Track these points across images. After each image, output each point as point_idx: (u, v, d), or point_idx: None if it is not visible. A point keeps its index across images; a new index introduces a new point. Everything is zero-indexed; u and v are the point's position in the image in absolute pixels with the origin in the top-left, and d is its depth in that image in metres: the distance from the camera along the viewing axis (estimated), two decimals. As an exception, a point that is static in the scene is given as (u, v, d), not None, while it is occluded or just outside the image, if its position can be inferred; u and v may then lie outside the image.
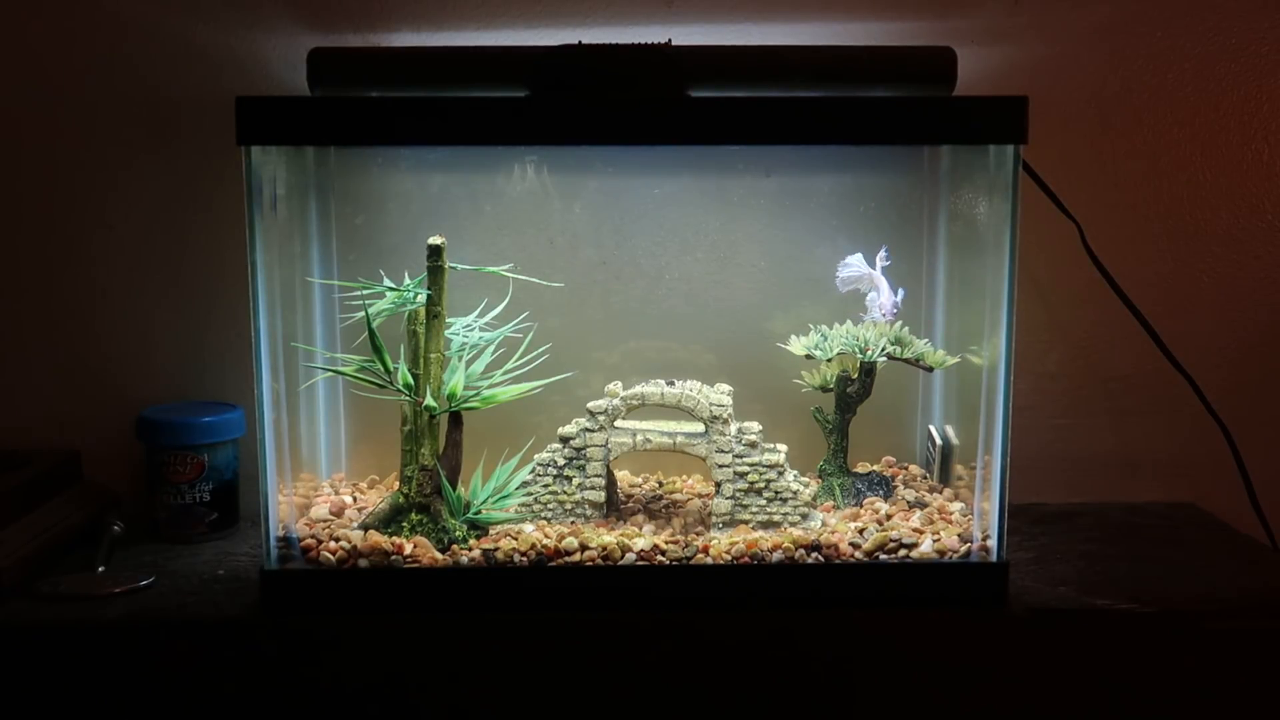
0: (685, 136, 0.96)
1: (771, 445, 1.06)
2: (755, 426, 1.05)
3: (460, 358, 1.05)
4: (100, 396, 1.22)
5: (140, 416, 1.13)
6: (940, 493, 1.13)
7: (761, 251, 1.19)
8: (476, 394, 1.03)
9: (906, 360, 1.10)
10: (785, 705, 0.96)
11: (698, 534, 1.03)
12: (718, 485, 1.05)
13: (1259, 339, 1.26)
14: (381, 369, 1.01)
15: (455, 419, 1.03)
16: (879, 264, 1.11)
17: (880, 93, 1.01)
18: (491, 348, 1.06)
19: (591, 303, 1.19)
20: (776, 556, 0.98)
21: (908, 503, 1.10)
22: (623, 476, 1.20)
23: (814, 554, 0.98)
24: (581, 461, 1.05)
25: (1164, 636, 0.95)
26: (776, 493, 1.05)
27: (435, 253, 1.02)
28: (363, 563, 0.97)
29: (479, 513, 1.03)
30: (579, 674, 0.95)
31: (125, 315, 1.22)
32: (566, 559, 0.98)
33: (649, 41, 0.99)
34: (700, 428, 1.05)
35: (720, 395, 1.07)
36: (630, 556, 0.98)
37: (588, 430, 1.05)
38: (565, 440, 1.05)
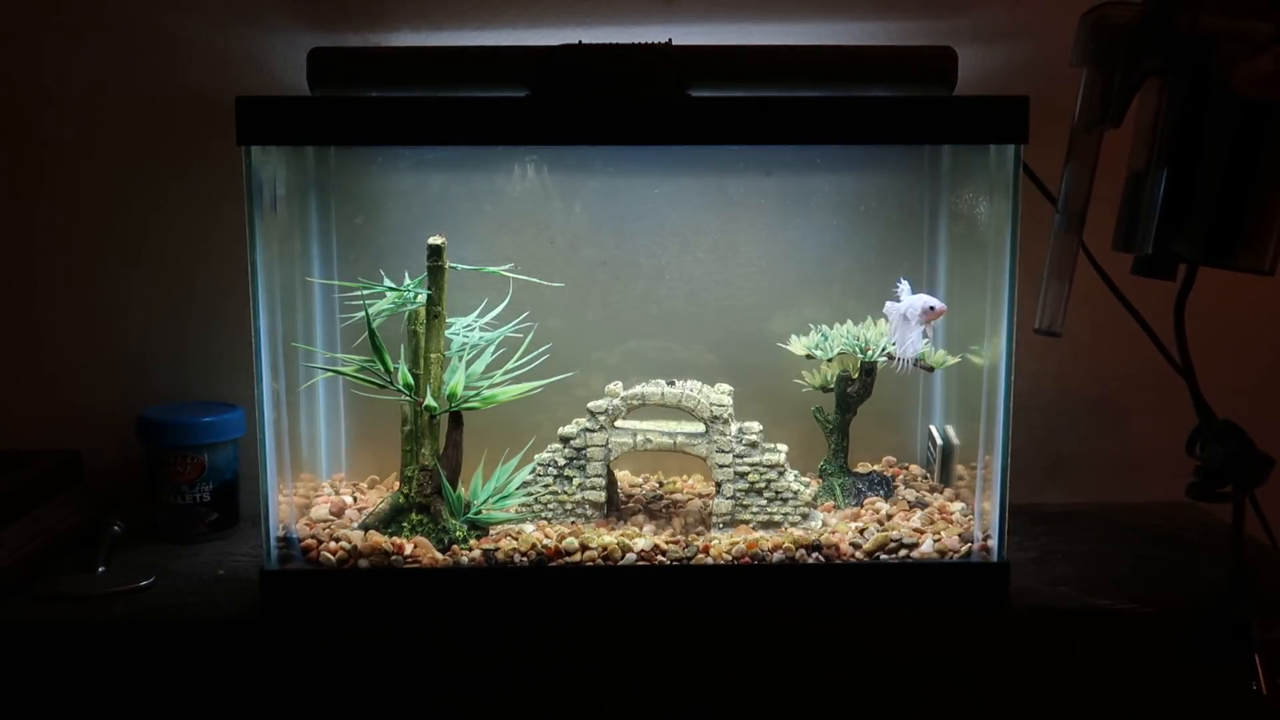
0: (685, 136, 0.96)
1: (772, 445, 1.06)
2: (756, 426, 1.05)
3: (460, 358, 1.05)
4: (100, 396, 1.22)
5: (140, 416, 1.13)
6: (941, 493, 1.13)
7: (762, 251, 1.19)
8: (476, 394, 1.03)
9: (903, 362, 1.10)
10: (786, 705, 0.96)
11: (698, 534, 1.03)
12: (718, 485, 1.05)
13: (1259, 338, 1.26)
14: (382, 369, 1.01)
15: (455, 419, 1.03)
16: (905, 301, 1.09)
17: (880, 93, 1.01)
18: (491, 348, 1.06)
19: (591, 303, 1.19)
20: (777, 556, 0.98)
21: (908, 503, 1.10)
22: (623, 476, 1.20)
23: (814, 554, 0.98)
24: (582, 461, 1.05)
25: (1164, 636, 0.95)
26: (777, 493, 1.05)
27: (435, 253, 1.02)
28: (363, 563, 0.97)
29: (479, 513, 1.03)
30: (579, 674, 0.95)
31: (126, 315, 1.21)
32: (567, 559, 0.98)
33: (649, 41, 0.98)
34: (701, 428, 1.05)
35: (720, 395, 1.07)
36: (630, 557, 0.98)
37: (588, 430, 1.05)
38: (565, 440, 1.05)
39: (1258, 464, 0.88)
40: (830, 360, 1.12)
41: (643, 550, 0.98)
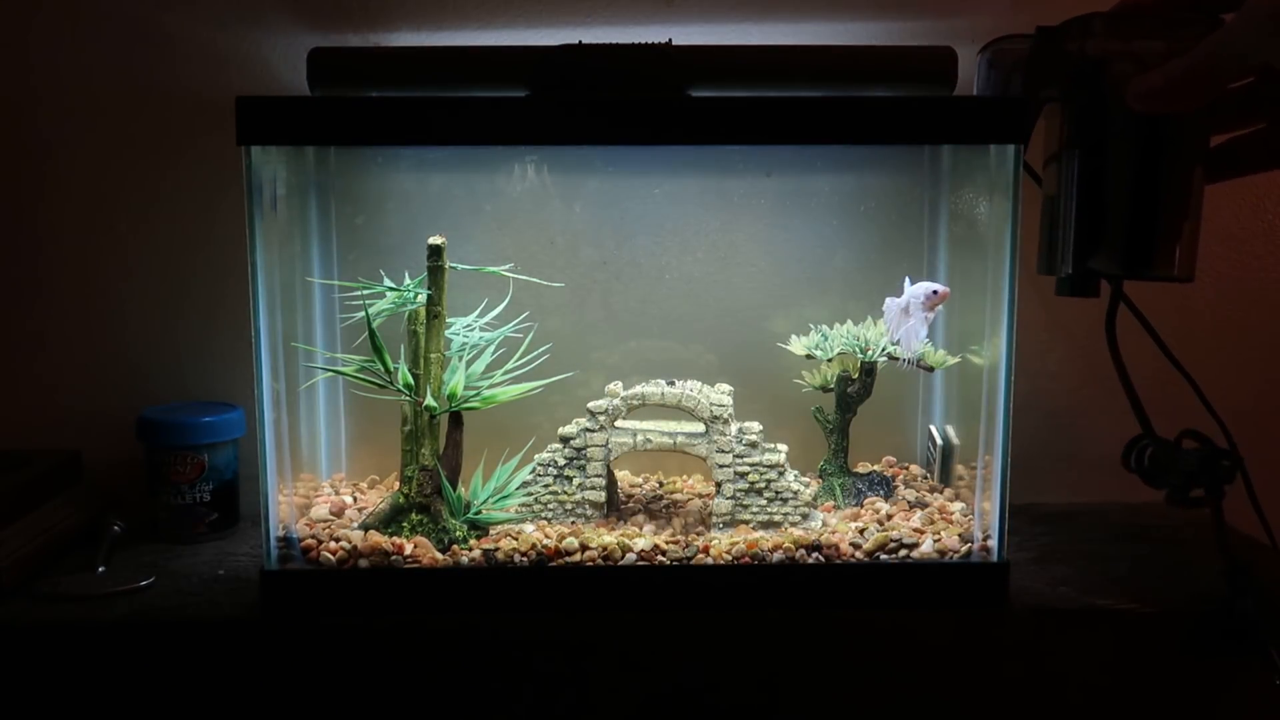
0: (685, 136, 0.96)
1: (772, 445, 1.06)
2: (756, 426, 1.05)
3: (460, 358, 1.05)
4: (100, 396, 1.22)
5: (140, 416, 1.13)
6: (941, 493, 1.13)
7: (761, 251, 1.19)
8: (476, 394, 1.03)
9: (907, 360, 1.10)
10: (785, 706, 0.96)
11: (698, 534, 1.03)
12: (718, 485, 1.05)
13: (1259, 339, 1.26)
14: (381, 369, 1.01)
15: (455, 419, 1.03)
16: (907, 292, 1.08)
17: (880, 93, 1.01)
18: (492, 348, 1.06)
19: (591, 303, 1.19)
20: (777, 556, 0.98)
21: (908, 503, 1.10)
22: (623, 476, 1.20)
23: (814, 554, 0.98)
24: (582, 461, 1.05)
25: (1164, 636, 0.95)
26: (777, 493, 1.05)
27: (435, 253, 1.02)
28: (363, 563, 0.97)
29: (479, 513, 1.03)
30: (578, 674, 0.95)
31: (125, 315, 1.21)
32: (567, 559, 0.98)
33: (649, 41, 0.98)
34: (701, 428, 1.05)
35: (720, 395, 1.07)
36: (630, 557, 0.98)
37: (588, 430, 1.05)
38: (565, 440, 1.05)
39: (1225, 464, 0.90)
40: (830, 360, 1.12)
41: (643, 550, 0.98)
